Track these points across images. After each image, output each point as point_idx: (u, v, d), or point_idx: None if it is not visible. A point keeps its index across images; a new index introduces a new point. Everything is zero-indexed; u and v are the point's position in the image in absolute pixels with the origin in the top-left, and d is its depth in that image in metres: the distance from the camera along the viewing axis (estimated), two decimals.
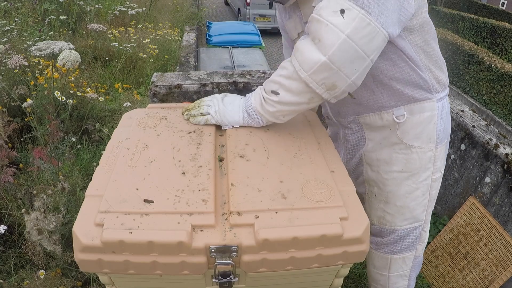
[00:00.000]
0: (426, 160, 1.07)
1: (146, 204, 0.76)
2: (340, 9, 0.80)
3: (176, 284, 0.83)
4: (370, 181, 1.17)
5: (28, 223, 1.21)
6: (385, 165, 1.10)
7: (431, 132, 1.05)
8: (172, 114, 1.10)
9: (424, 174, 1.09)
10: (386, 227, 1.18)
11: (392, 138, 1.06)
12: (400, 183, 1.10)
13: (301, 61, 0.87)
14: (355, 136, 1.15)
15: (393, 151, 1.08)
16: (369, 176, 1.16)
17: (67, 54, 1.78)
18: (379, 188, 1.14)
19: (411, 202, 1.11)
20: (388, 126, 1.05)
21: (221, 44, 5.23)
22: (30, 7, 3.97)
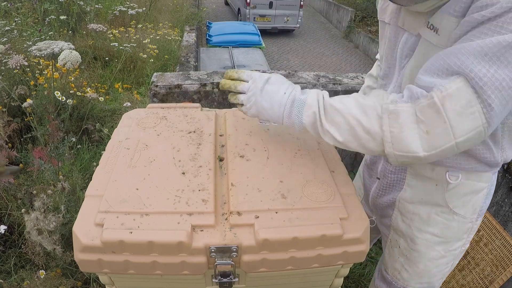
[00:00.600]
0: (463, 231, 0.98)
1: (146, 204, 0.76)
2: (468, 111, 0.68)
3: (176, 284, 0.83)
4: (398, 231, 1.06)
5: (28, 223, 1.22)
6: (420, 222, 0.99)
7: (478, 203, 0.95)
8: (172, 114, 1.10)
9: (456, 244, 1.00)
10: (398, 283, 1.11)
11: (437, 198, 0.94)
12: (431, 247, 1.00)
13: (395, 138, 0.74)
14: (395, 176, 1.02)
15: (434, 211, 0.96)
16: (398, 225, 1.05)
17: (68, 54, 1.78)
18: (406, 243, 1.04)
19: (434, 268, 1.04)
20: (436, 181, 0.93)
21: (221, 44, 5.23)
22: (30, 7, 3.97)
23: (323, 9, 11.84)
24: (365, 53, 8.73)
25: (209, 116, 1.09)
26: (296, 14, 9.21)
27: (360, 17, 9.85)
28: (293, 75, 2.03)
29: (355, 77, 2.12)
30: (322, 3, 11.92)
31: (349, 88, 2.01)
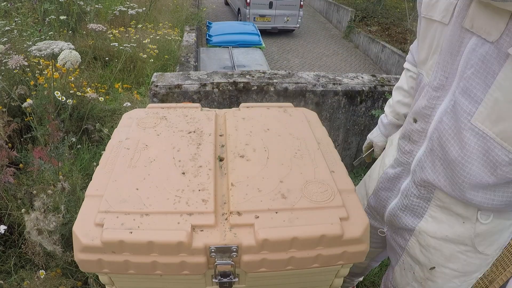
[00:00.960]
0: (484, 265, 0.94)
1: (146, 204, 0.76)
2: None
3: (176, 284, 0.83)
4: (414, 258, 1.00)
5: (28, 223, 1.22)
6: (441, 258, 0.93)
7: (504, 240, 0.90)
8: (172, 114, 1.10)
9: (474, 275, 0.96)
10: None
11: (463, 238, 0.88)
12: (448, 280, 0.96)
13: None
14: (417, 201, 0.94)
15: (458, 250, 0.90)
16: (415, 254, 0.98)
17: (67, 54, 1.78)
18: (422, 272, 0.99)
19: None
20: (465, 219, 0.86)
21: (221, 44, 5.23)
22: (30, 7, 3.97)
23: (323, 9, 11.84)
24: (365, 53, 8.73)
25: (209, 116, 1.09)
26: (296, 14, 9.20)
27: (360, 17, 9.85)
28: (293, 75, 2.03)
29: (355, 77, 2.12)
30: (322, 3, 11.92)
31: (349, 88, 2.01)
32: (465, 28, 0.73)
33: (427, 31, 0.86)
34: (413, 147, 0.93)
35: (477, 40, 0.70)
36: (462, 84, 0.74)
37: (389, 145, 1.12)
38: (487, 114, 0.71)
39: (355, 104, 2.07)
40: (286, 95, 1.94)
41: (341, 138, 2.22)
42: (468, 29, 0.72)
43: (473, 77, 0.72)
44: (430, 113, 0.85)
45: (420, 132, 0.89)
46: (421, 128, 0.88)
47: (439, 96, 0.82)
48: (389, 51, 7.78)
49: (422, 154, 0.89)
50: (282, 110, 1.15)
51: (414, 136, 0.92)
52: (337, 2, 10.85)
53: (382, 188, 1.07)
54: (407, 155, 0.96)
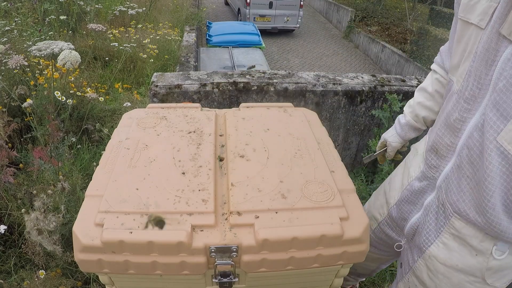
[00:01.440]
0: None
1: (146, 204, 0.76)
2: None
3: (176, 284, 0.83)
4: (420, 280, 0.96)
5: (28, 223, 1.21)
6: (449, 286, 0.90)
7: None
8: (172, 114, 1.10)
9: None
10: None
11: (474, 270, 0.84)
12: None
13: None
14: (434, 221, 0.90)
15: (467, 280, 0.87)
16: (422, 277, 0.95)
17: (67, 54, 1.78)
18: None
19: None
20: (478, 252, 0.82)
21: (221, 44, 5.23)
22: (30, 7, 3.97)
23: (323, 9, 11.84)
24: (365, 53, 8.73)
25: (209, 116, 1.09)
26: (296, 14, 9.21)
27: (360, 17, 9.85)
28: (293, 75, 2.03)
29: (355, 77, 2.12)
30: (322, 3, 11.92)
31: (349, 88, 2.01)
32: (502, 35, 0.66)
33: (462, 34, 0.79)
34: (441, 161, 0.87)
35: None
36: (493, 97, 0.68)
37: (413, 155, 1.06)
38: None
39: (355, 104, 2.07)
40: (286, 95, 1.94)
41: (341, 138, 2.22)
42: (506, 36, 0.66)
43: (505, 90, 0.66)
44: (460, 127, 0.78)
45: (448, 146, 0.83)
46: (450, 142, 0.82)
47: (470, 108, 0.75)
48: (389, 51, 7.78)
49: (449, 170, 0.84)
50: (282, 110, 1.15)
51: (442, 150, 0.85)
52: (337, 2, 10.85)
53: (405, 200, 1.01)
54: (433, 170, 0.90)
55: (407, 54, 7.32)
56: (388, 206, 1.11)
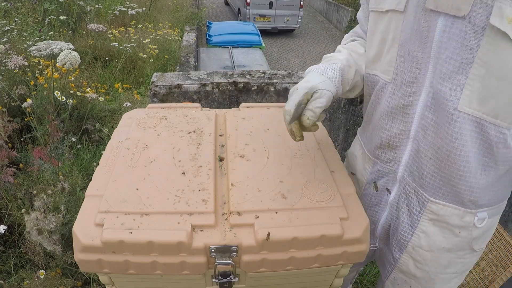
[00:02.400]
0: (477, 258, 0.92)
1: (146, 204, 0.76)
2: None
3: (176, 284, 0.83)
4: (408, 274, 0.94)
5: (28, 223, 1.22)
6: (439, 267, 0.89)
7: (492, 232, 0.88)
8: (172, 114, 1.10)
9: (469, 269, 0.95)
10: None
11: (461, 244, 0.84)
12: (448, 281, 0.93)
13: None
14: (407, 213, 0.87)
15: (456, 256, 0.87)
16: (409, 269, 0.92)
17: (67, 55, 1.78)
18: (419, 284, 0.94)
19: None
20: (461, 228, 0.82)
21: (221, 44, 5.23)
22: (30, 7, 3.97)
23: (323, 9, 11.84)
24: None
25: (209, 116, 1.09)
26: (296, 14, 9.21)
27: None
28: (293, 75, 2.03)
29: None
30: (322, 3, 11.93)
31: None
32: (429, 10, 0.67)
33: (377, 25, 0.80)
34: (396, 153, 0.84)
35: (445, 19, 0.65)
36: (439, 71, 0.68)
37: (352, 159, 1.03)
38: (473, 96, 0.66)
39: (355, 104, 2.07)
40: (286, 95, 1.94)
41: (341, 138, 2.22)
42: (433, 9, 0.66)
43: (450, 61, 0.66)
44: (409, 111, 0.77)
45: (400, 135, 0.81)
46: (400, 131, 0.80)
47: (414, 91, 0.74)
48: None
49: (408, 158, 0.82)
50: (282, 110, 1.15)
51: (395, 142, 0.83)
52: (337, 2, 10.85)
53: (367, 206, 0.97)
54: (390, 164, 0.87)
55: None
56: None
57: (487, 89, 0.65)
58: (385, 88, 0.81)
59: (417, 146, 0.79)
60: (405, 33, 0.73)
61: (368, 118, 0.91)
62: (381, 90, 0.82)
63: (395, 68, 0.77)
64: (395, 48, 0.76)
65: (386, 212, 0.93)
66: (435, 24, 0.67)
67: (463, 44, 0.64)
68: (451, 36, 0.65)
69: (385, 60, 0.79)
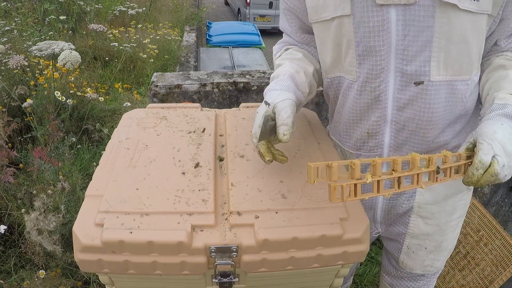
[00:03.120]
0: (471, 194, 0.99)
1: (146, 204, 0.76)
2: None
3: (176, 284, 0.83)
4: (420, 235, 0.99)
5: (28, 223, 1.22)
6: (446, 216, 0.95)
7: None
8: (172, 114, 1.10)
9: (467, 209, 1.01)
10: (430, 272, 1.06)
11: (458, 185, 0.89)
12: (455, 227, 0.99)
13: None
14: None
15: (457, 199, 0.94)
16: (420, 229, 0.98)
17: (68, 55, 1.78)
18: (432, 240, 0.99)
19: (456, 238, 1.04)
20: None
21: (221, 44, 5.23)
22: (30, 7, 3.97)
23: None
24: None
25: (209, 116, 1.09)
26: None
27: None
28: None
29: None
30: None
31: None
32: (379, 5, 0.73)
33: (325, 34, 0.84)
34: (376, 139, 0.89)
35: (397, 9, 0.72)
36: (403, 55, 0.75)
37: None
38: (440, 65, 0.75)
39: None
40: None
41: None
42: (383, 3, 0.72)
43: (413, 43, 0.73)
44: (381, 98, 0.82)
45: (377, 122, 0.86)
46: (377, 118, 0.85)
47: (382, 80, 0.80)
48: None
49: (390, 139, 0.87)
50: None
51: (373, 129, 0.88)
52: None
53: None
54: (374, 150, 0.91)
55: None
56: None
57: (450, 54, 0.74)
58: (351, 86, 0.86)
59: (396, 125, 0.84)
60: (359, 33, 0.77)
61: (338, 117, 0.96)
62: (348, 89, 0.87)
63: (357, 67, 0.82)
64: (352, 49, 0.80)
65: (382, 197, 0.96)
66: (389, 16, 0.73)
67: (420, 26, 0.72)
68: (407, 23, 0.72)
69: (345, 62, 0.84)
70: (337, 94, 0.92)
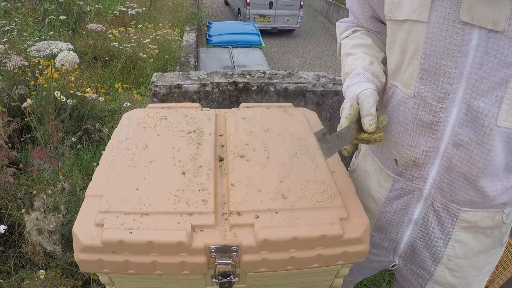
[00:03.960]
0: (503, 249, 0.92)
1: (146, 204, 0.76)
2: None
3: (176, 284, 0.83)
4: (445, 284, 0.91)
5: (28, 223, 1.22)
6: (475, 270, 0.88)
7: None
8: (172, 114, 1.10)
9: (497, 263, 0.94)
10: None
11: (493, 243, 0.84)
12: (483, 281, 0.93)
13: None
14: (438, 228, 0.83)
15: (489, 255, 0.87)
16: (446, 280, 0.90)
17: (65, 55, 1.78)
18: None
19: None
20: (492, 228, 0.81)
21: (221, 44, 5.23)
22: (30, 7, 3.97)
23: (323, 9, 11.85)
24: None
25: (209, 116, 1.09)
26: (296, 14, 9.21)
27: None
28: (293, 75, 2.03)
29: None
30: (322, 3, 11.93)
31: None
32: (463, 22, 0.63)
33: (395, 35, 0.75)
34: (422, 170, 0.80)
35: (480, 33, 0.62)
36: (474, 87, 0.65)
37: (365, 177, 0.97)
38: (510, 110, 0.64)
39: None
40: (286, 95, 1.94)
41: None
42: (467, 22, 0.62)
43: (489, 76, 0.63)
44: (438, 128, 0.73)
45: (427, 152, 0.77)
46: (429, 148, 0.76)
47: (445, 107, 0.70)
48: None
49: (436, 175, 0.78)
50: (282, 110, 1.15)
51: (421, 159, 0.79)
52: (337, 2, 10.85)
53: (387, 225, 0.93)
54: (416, 181, 0.83)
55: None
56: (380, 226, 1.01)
57: None
58: (405, 102, 0.77)
59: (448, 163, 0.75)
60: (430, 45, 0.68)
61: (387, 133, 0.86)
62: (400, 104, 0.78)
63: (418, 82, 0.72)
64: (417, 61, 0.71)
65: (410, 230, 0.89)
66: (470, 38, 0.63)
67: (501, 59, 0.61)
68: (487, 51, 0.62)
69: (406, 73, 0.75)
70: (386, 105, 0.84)
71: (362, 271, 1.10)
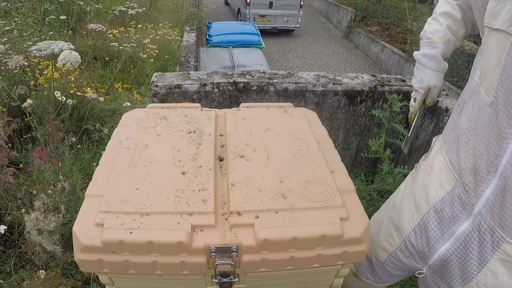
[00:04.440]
0: None
1: (146, 204, 0.76)
2: None
3: (176, 284, 0.83)
4: None
5: (28, 223, 1.22)
6: None
7: None
8: (172, 114, 1.10)
9: None
10: None
11: None
12: None
13: None
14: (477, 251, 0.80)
15: None
16: None
17: (67, 55, 1.78)
18: None
19: None
20: None
21: (221, 44, 5.23)
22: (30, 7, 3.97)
23: (323, 9, 11.84)
24: (365, 53, 8.73)
25: (209, 116, 1.09)
26: (296, 14, 9.21)
27: (360, 17, 9.85)
28: (293, 75, 2.03)
29: (355, 77, 2.12)
30: (322, 3, 11.92)
31: (349, 88, 2.01)
32: None
33: (487, 42, 0.73)
34: (479, 185, 0.76)
35: None
36: None
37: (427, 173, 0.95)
38: None
39: (355, 104, 2.07)
40: (286, 95, 1.94)
41: (341, 138, 2.22)
42: None
43: None
44: (502, 145, 0.69)
45: (488, 167, 0.73)
46: (490, 162, 0.72)
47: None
48: (389, 51, 7.78)
49: (491, 194, 0.74)
50: (282, 110, 1.15)
51: (482, 172, 0.75)
52: (337, 2, 10.85)
53: (430, 228, 0.90)
54: (471, 195, 0.79)
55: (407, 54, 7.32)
56: (401, 234, 1.00)
57: None
58: (483, 109, 0.75)
59: (504, 183, 0.71)
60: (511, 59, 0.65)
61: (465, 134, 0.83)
62: (481, 112, 0.76)
63: (496, 92, 0.70)
64: (498, 71, 0.69)
65: (449, 244, 0.86)
66: None
67: None
68: None
69: (490, 79, 0.73)
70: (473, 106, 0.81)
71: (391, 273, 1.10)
